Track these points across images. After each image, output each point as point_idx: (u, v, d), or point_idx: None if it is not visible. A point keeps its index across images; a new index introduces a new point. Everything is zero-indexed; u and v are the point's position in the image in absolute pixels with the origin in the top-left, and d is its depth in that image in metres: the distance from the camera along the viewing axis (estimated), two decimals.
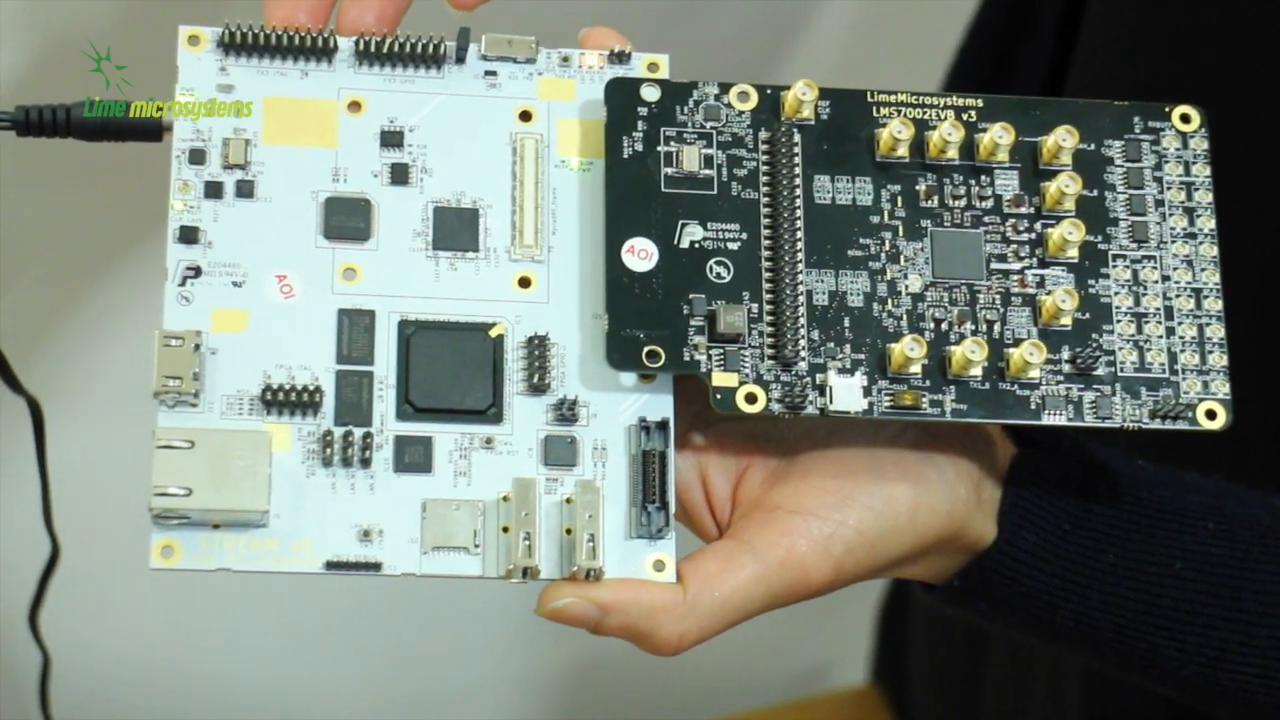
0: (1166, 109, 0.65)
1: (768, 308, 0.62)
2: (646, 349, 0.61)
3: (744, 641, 1.17)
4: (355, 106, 0.64)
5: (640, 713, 1.25)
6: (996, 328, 0.63)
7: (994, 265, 0.63)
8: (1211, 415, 0.63)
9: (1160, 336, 0.63)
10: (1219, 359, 0.63)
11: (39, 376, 0.67)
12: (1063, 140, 0.64)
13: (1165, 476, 0.68)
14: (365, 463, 0.60)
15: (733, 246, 0.63)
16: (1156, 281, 0.64)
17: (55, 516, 0.69)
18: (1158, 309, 0.63)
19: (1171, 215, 0.64)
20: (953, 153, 0.64)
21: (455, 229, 0.63)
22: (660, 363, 0.61)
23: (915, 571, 0.67)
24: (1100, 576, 0.66)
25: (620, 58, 0.65)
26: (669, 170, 0.63)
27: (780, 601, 0.63)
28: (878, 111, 0.64)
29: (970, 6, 0.96)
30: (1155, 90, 0.67)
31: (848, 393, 0.61)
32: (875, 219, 0.63)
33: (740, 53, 1.09)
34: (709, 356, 0.61)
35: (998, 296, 0.63)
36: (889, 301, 0.63)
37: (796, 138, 0.64)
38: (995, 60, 0.92)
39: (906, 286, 0.63)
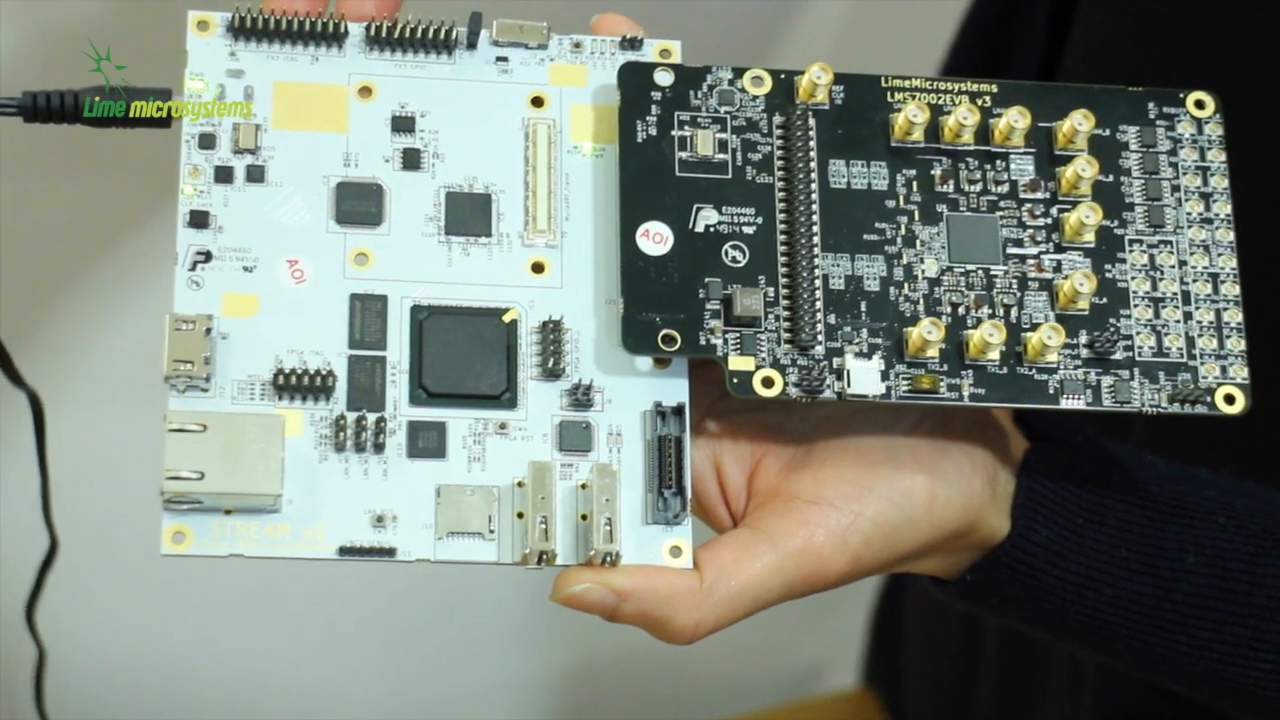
0: (1181, 95, 0.65)
1: (784, 291, 0.61)
2: (662, 333, 0.61)
3: (738, 644, 1.16)
4: (366, 92, 0.63)
5: (636, 717, 1.24)
6: (1014, 312, 0.62)
7: (1010, 250, 0.63)
8: (1230, 400, 0.62)
9: (1178, 321, 0.63)
10: (1237, 343, 0.63)
11: (39, 368, 0.66)
12: (1079, 124, 0.63)
13: (1176, 471, 0.68)
14: (378, 448, 0.59)
15: (748, 230, 0.62)
16: (1173, 266, 0.63)
17: (54, 511, 0.69)
18: (1175, 294, 0.63)
19: (1187, 201, 0.64)
20: (968, 137, 0.63)
21: (468, 214, 0.62)
22: (676, 346, 0.60)
23: (927, 566, 0.67)
24: (1113, 571, 0.66)
25: (632, 44, 0.65)
26: (683, 154, 0.63)
27: (796, 592, 0.62)
28: (892, 96, 0.64)
29: None
30: (1153, 81, 0.66)
31: (865, 376, 0.61)
32: (891, 203, 0.63)
33: (728, 42, 1.09)
34: (725, 340, 0.61)
35: (1014, 281, 0.63)
36: (905, 286, 0.62)
37: (811, 122, 0.63)
38: (988, 53, 0.92)
39: (923, 271, 0.62)
